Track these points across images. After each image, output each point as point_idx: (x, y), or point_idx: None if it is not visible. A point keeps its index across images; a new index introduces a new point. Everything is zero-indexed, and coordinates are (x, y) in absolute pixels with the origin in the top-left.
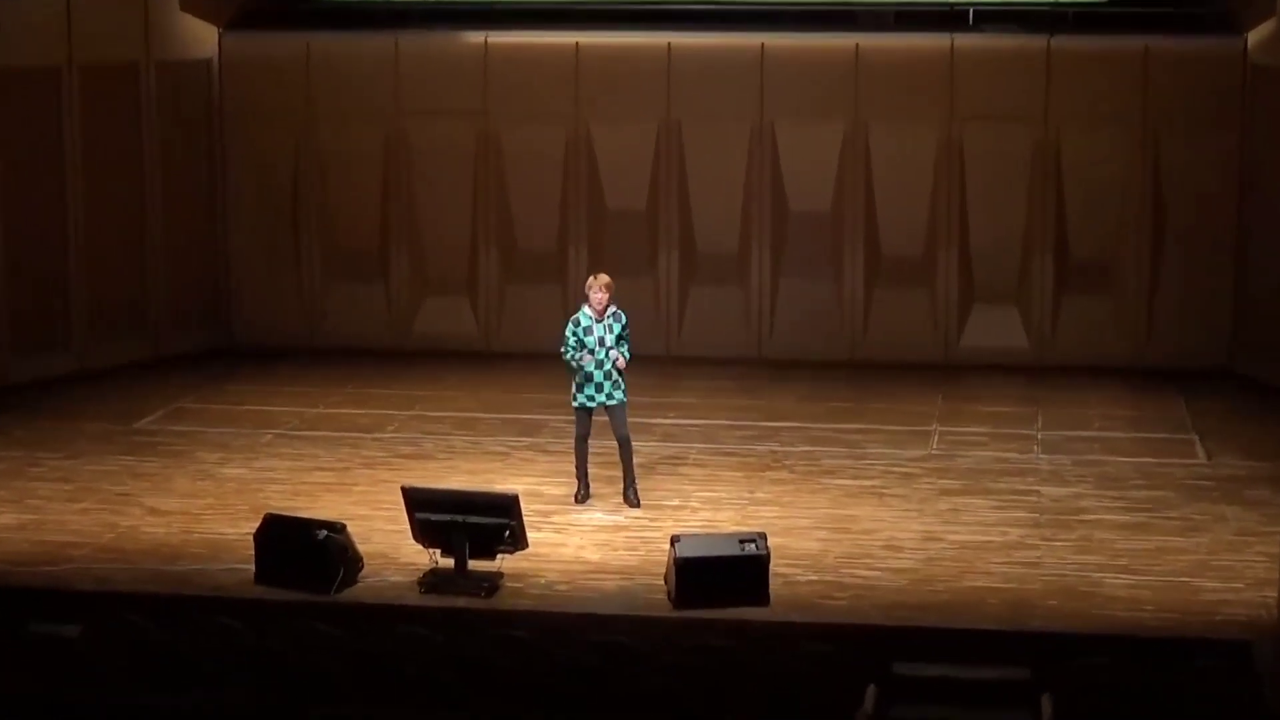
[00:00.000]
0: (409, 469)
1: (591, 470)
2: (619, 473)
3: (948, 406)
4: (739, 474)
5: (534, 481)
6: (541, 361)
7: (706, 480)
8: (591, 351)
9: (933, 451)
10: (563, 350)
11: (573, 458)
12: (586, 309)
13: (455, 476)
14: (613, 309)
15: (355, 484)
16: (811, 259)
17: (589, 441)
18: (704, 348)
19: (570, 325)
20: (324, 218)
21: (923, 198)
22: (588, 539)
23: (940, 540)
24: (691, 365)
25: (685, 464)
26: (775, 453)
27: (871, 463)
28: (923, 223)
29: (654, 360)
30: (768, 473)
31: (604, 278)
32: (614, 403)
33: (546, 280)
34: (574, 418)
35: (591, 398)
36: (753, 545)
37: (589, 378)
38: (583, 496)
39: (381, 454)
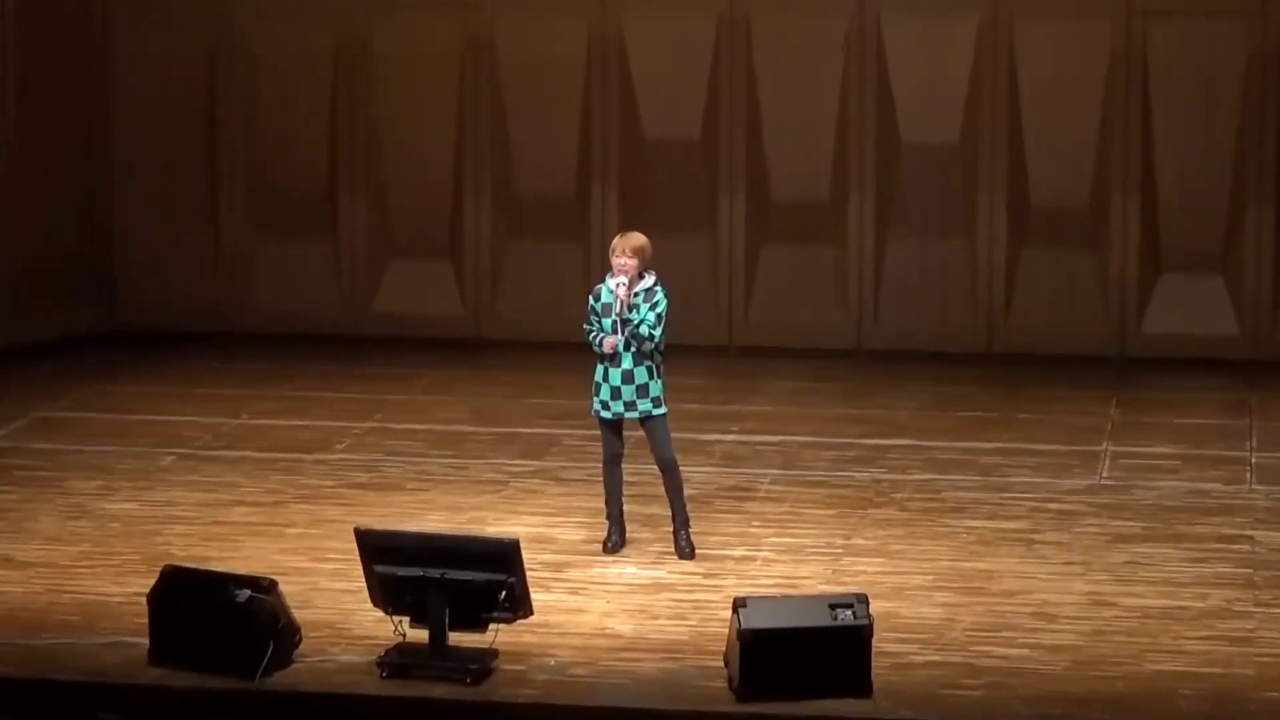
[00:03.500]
0: (366, 504)
1: (628, 507)
2: (666, 511)
3: (1125, 417)
4: (830, 512)
5: (541, 522)
6: (552, 352)
7: (784, 520)
8: (601, 337)
9: (1102, 480)
10: (585, 328)
11: (600, 489)
12: (610, 279)
13: (431, 515)
14: (648, 282)
15: (291, 525)
16: (933, 209)
17: (622, 466)
18: (781, 333)
19: (590, 298)
20: (251, 151)
21: (1090, 123)
22: (617, 603)
23: (1113, 606)
24: (764, 358)
25: (755, 498)
26: (881, 482)
27: (1017, 496)
28: (1089, 158)
29: (711, 352)
30: (871, 510)
31: (635, 238)
32: (638, 415)
33: (560, 238)
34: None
35: (606, 404)
36: (848, 612)
37: (605, 376)
38: (614, 543)
39: (328, 482)
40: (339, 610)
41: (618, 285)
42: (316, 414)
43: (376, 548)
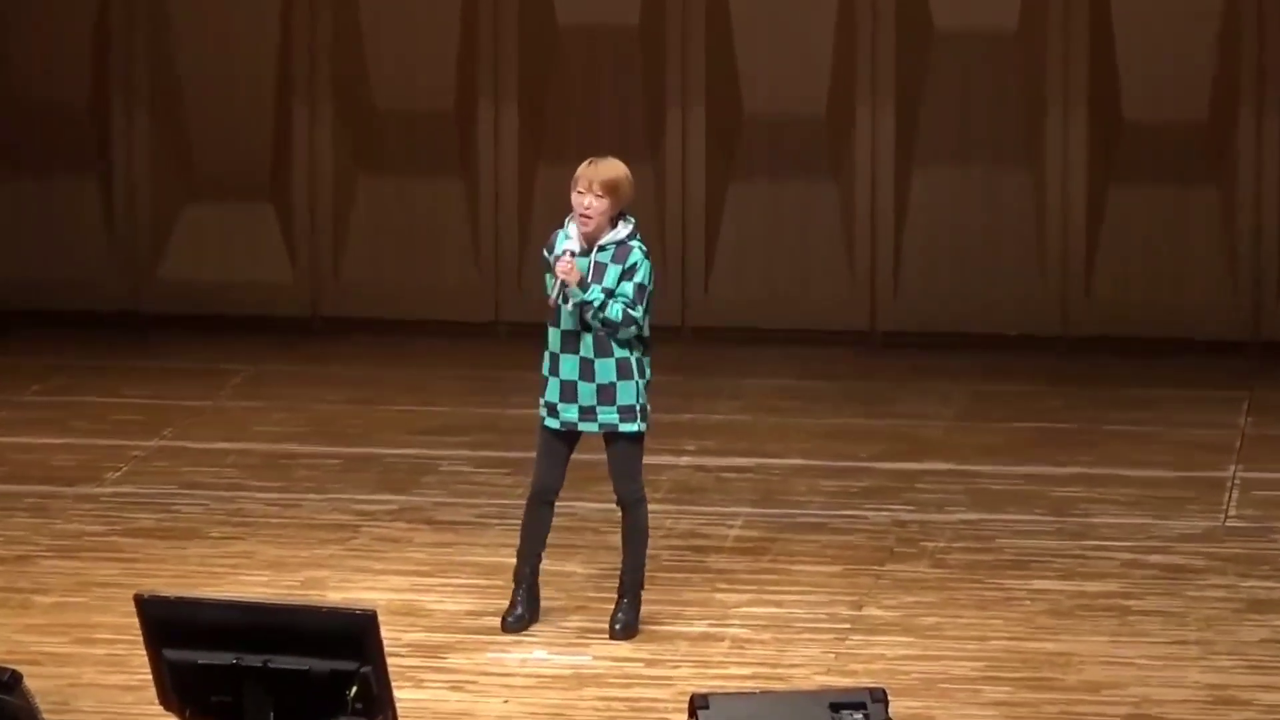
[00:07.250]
0: (153, 560)
1: (547, 564)
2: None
3: (1260, 429)
4: (831, 568)
5: (409, 585)
6: (424, 337)
7: (764, 581)
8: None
9: (1227, 523)
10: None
11: (505, 535)
12: (570, 224)
13: (248, 575)
14: (621, 232)
15: (45, 591)
16: (979, 128)
17: (554, 505)
18: (758, 310)
19: (544, 250)
20: None
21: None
22: (521, 701)
23: (1244, 704)
24: (733, 345)
25: (721, 548)
26: (904, 524)
27: (1104, 545)
28: (1208, 55)
29: (657, 335)
30: (889, 566)
31: (610, 167)
32: (597, 428)
33: (433, 171)
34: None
35: (553, 408)
36: (859, 715)
37: (554, 366)
38: (519, 617)
39: (97, 528)
40: (112, 713)
41: (564, 252)
42: (79, 428)
43: (167, 624)
